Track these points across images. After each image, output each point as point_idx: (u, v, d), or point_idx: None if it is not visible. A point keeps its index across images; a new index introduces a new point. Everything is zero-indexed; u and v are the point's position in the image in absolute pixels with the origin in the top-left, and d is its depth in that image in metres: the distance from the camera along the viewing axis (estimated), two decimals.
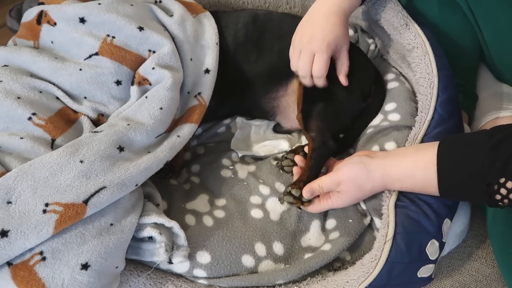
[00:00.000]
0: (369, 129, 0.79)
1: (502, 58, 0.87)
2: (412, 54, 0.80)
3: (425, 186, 0.59)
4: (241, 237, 0.68)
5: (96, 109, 0.73)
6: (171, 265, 0.65)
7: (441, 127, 0.69)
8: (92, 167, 0.60)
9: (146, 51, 0.76)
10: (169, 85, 0.71)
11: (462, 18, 0.86)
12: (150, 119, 0.69)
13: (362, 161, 0.64)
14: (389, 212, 0.63)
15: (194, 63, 0.79)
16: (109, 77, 0.73)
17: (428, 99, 0.72)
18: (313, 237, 0.71)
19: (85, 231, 0.57)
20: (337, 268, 0.69)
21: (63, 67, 0.72)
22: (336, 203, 0.67)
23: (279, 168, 0.80)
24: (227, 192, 0.77)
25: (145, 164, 0.64)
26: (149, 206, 0.66)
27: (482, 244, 0.82)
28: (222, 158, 0.85)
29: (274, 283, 0.65)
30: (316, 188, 0.66)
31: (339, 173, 0.65)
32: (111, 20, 0.74)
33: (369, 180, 0.63)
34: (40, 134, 0.65)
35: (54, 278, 0.53)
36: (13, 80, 0.69)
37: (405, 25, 0.81)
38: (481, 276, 0.78)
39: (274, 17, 0.89)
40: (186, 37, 0.80)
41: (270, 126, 0.92)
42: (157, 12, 0.81)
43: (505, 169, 0.51)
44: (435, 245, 0.61)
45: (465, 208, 0.78)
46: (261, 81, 0.86)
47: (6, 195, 0.55)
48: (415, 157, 0.60)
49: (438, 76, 0.73)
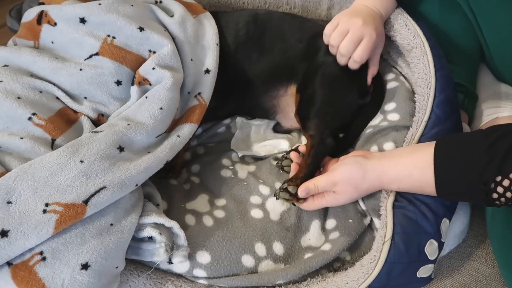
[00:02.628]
0: (368, 129, 0.79)
1: (502, 58, 0.87)
2: (411, 54, 0.80)
3: (422, 186, 0.59)
4: (241, 237, 0.68)
5: (96, 109, 0.73)
6: (171, 265, 0.65)
7: (438, 127, 0.69)
8: (92, 167, 0.60)
9: (147, 52, 0.76)
10: (169, 85, 0.71)
11: (463, 18, 0.86)
12: (150, 119, 0.69)
13: (358, 161, 0.64)
14: (387, 213, 0.63)
15: (194, 64, 0.79)
16: (109, 77, 0.73)
17: (425, 100, 0.72)
18: (313, 237, 0.71)
19: (85, 231, 0.57)
20: (337, 268, 0.69)
21: (64, 67, 0.72)
22: (331, 202, 0.67)
23: (279, 168, 0.80)
24: (227, 192, 0.77)
25: (145, 164, 0.64)
26: (149, 206, 0.66)
27: (482, 244, 0.82)
28: (222, 158, 0.85)
29: (274, 283, 0.65)
30: (312, 187, 0.66)
31: (335, 174, 0.65)
32: (112, 21, 0.74)
33: (365, 180, 0.63)
34: (40, 134, 0.65)
35: (54, 278, 0.53)
36: (13, 80, 0.69)
37: (405, 25, 0.81)
38: (481, 276, 0.78)
39: (275, 16, 0.89)
40: (186, 38, 0.80)
41: (270, 126, 0.92)
42: (157, 13, 0.81)
43: (501, 167, 0.51)
44: (434, 245, 0.61)
45: (465, 208, 0.78)
46: (262, 80, 0.86)
47: (6, 195, 0.55)
48: (412, 158, 0.60)
49: (436, 77, 0.73)
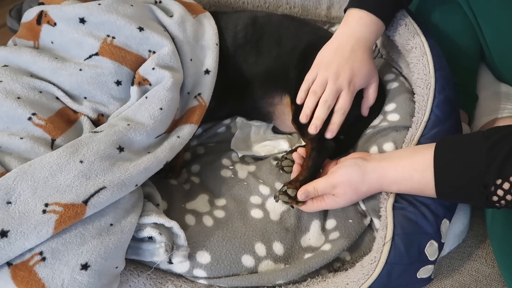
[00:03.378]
0: (368, 130, 0.79)
1: (502, 58, 0.87)
2: (410, 55, 0.79)
3: (422, 188, 0.59)
4: (241, 237, 0.68)
5: (96, 109, 0.73)
6: (171, 265, 0.65)
7: (437, 128, 0.68)
8: (92, 167, 0.60)
9: (146, 52, 0.76)
10: (169, 85, 0.71)
11: (463, 18, 0.86)
12: (150, 120, 0.69)
13: (357, 164, 0.63)
14: (387, 214, 0.63)
15: (194, 64, 0.79)
16: (109, 77, 0.73)
17: (425, 100, 0.71)
18: (313, 237, 0.71)
19: (85, 231, 0.57)
20: (337, 269, 0.69)
21: (63, 67, 0.72)
22: (330, 205, 0.67)
23: (279, 168, 0.80)
24: (227, 192, 0.77)
25: (145, 164, 0.64)
26: (149, 206, 0.66)
27: (482, 244, 0.82)
28: (222, 158, 0.85)
29: (274, 283, 0.65)
30: (311, 190, 0.66)
31: (334, 176, 0.65)
32: (111, 21, 0.74)
33: (364, 182, 0.63)
34: (40, 134, 0.66)
35: (54, 278, 0.53)
36: (13, 80, 0.69)
37: (404, 25, 0.80)
38: (481, 276, 0.78)
39: (273, 20, 0.89)
40: (186, 38, 0.80)
41: (270, 127, 0.92)
42: (157, 13, 0.81)
43: (501, 170, 0.51)
44: (434, 245, 0.61)
45: (465, 208, 0.78)
46: (259, 83, 0.86)
47: (6, 195, 0.56)
48: (412, 160, 0.59)
49: (435, 77, 0.72)
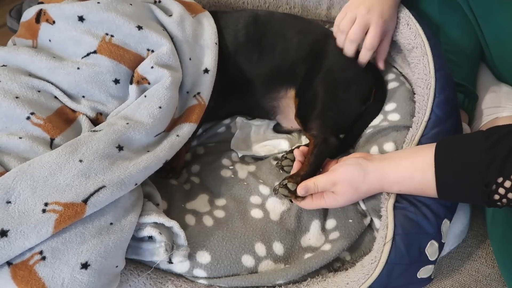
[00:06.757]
0: (368, 129, 0.79)
1: (502, 58, 0.87)
2: (411, 54, 0.80)
3: (423, 188, 0.59)
4: (241, 237, 0.68)
5: (95, 108, 0.72)
6: (171, 265, 0.65)
7: (438, 128, 0.69)
8: (91, 167, 0.60)
9: (145, 50, 0.76)
10: (168, 84, 0.71)
11: (463, 18, 0.86)
12: (149, 118, 0.68)
13: (359, 163, 0.63)
14: (388, 214, 0.63)
15: (193, 63, 0.79)
16: (107, 76, 0.73)
17: (425, 100, 0.71)
18: (313, 237, 0.71)
19: (84, 231, 0.57)
20: (337, 268, 0.69)
21: (61, 66, 0.72)
22: (330, 203, 0.66)
23: (279, 168, 0.80)
24: (227, 192, 0.77)
25: (144, 163, 0.64)
26: (149, 205, 0.66)
27: (482, 244, 0.82)
28: (222, 158, 0.85)
29: (274, 283, 0.65)
30: (311, 186, 0.66)
31: (335, 173, 0.65)
32: (110, 19, 0.74)
33: (365, 182, 0.63)
34: (39, 134, 0.65)
35: (54, 278, 0.53)
36: (11, 80, 0.69)
37: (406, 24, 0.80)
38: (481, 276, 0.78)
39: (276, 18, 0.89)
40: (185, 37, 0.79)
41: (270, 126, 0.91)
42: (156, 12, 0.81)
43: (502, 168, 0.51)
44: (434, 246, 0.61)
45: (465, 208, 0.78)
46: (262, 81, 0.86)
47: (6, 194, 0.55)
48: (413, 160, 0.59)
49: (436, 77, 0.73)
